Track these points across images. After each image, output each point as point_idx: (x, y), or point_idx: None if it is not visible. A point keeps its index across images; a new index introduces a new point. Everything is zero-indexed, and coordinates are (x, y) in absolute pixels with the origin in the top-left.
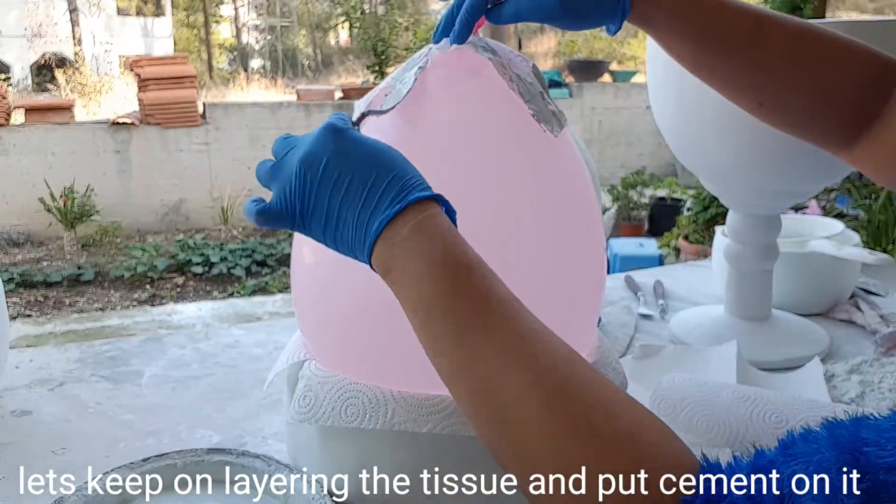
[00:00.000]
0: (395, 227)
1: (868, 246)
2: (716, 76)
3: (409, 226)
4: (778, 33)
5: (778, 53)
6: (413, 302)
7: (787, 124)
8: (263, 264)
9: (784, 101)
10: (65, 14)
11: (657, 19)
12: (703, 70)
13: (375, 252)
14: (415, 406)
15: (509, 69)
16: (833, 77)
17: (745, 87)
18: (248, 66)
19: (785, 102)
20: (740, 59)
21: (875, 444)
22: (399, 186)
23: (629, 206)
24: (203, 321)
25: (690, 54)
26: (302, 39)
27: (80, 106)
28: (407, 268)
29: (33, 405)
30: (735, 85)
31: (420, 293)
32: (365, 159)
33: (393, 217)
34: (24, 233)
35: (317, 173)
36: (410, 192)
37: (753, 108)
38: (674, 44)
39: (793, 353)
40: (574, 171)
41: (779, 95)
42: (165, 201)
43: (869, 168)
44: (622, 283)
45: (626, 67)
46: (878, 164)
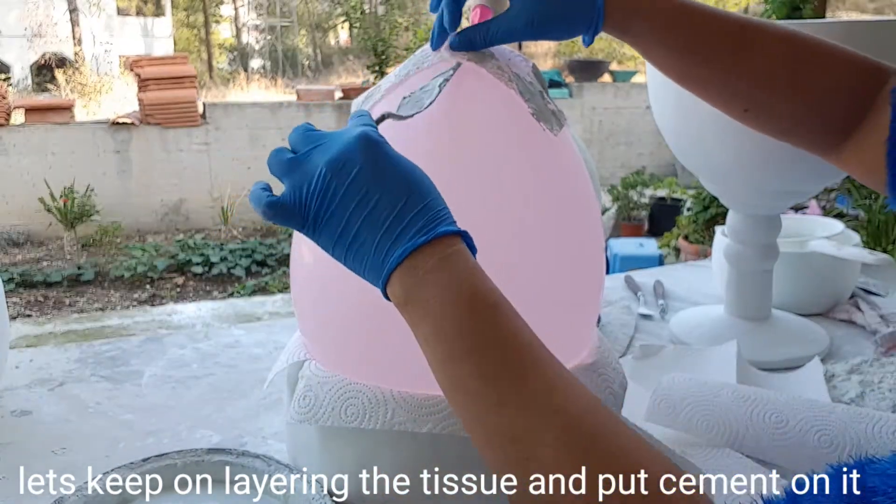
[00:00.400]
0: (419, 258)
1: (868, 246)
2: (701, 85)
3: (435, 258)
4: (762, 40)
5: (763, 61)
6: (433, 336)
7: (774, 130)
8: (263, 264)
9: (769, 107)
10: (65, 14)
11: (638, 31)
12: (688, 80)
13: (393, 279)
14: (415, 406)
15: (509, 69)
16: (818, 82)
17: (730, 94)
18: (248, 66)
19: (770, 108)
20: (725, 68)
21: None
22: (428, 217)
23: (629, 206)
24: (203, 321)
25: (675, 64)
26: (302, 39)
27: (80, 106)
28: (429, 301)
29: (33, 405)
30: (721, 93)
31: (443, 329)
32: (397, 181)
33: (418, 247)
34: (24, 233)
35: (343, 182)
36: (439, 225)
37: (739, 115)
38: (658, 54)
39: (793, 353)
40: (574, 170)
41: (764, 102)
42: (165, 201)
43: (856, 170)
44: (622, 283)
45: (626, 67)
46: (864, 166)
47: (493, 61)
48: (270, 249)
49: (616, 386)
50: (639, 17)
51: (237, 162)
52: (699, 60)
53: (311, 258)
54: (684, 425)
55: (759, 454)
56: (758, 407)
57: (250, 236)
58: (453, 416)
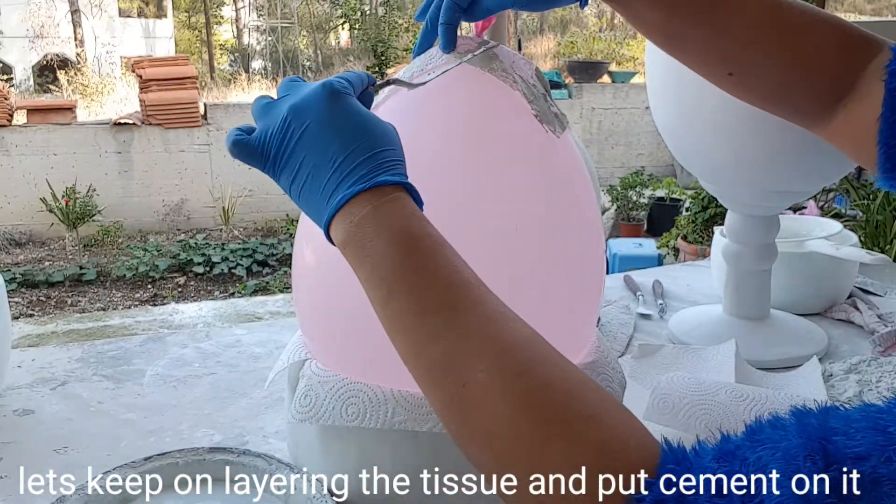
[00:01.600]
0: (356, 206)
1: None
2: (686, 47)
3: (371, 205)
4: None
5: (748, 20)
6: (373, 278)
7: (758, 96)
8: (265, 264)
9: (753, 70)
10: (66, 15)
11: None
12: (674, 42)
13: (333, 223)
14: (415, 405)
15: (513, 71)
16: (804, 46)
17: (715, 57)
18: (249, 67)
19: (754, 72)
20: (709, 27)
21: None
22: (372, 166)
23: (628, 206)
24: (204, 321)
25: (660, 24)
26: (302, 40)
27: (82, 107)
28: (365, 245)
29: (35, 404)
30: (705, 56)
31: (379, 270)
32: (350, 130)
33: (355, 195)
34: (26, 233)
35: (300, 126)
36: (380, 174)
37: (722, 79)
38: (641, 13)
39: (791, 352)
40: (575, 172)
41: (748, 64)
42: (167, 201)
43: (844, 143)
44: (621, 282)
45: (625, 68)
46: (853, 139)
47: (497, 63)
48: (271, 249)
49: (615, 385)
50: None
51: (238, 162)
52: (683, 19)
53: (313, 259)
54: (683, 424)
55: None
56: (756, 406)
57: (251, 236)
58: None
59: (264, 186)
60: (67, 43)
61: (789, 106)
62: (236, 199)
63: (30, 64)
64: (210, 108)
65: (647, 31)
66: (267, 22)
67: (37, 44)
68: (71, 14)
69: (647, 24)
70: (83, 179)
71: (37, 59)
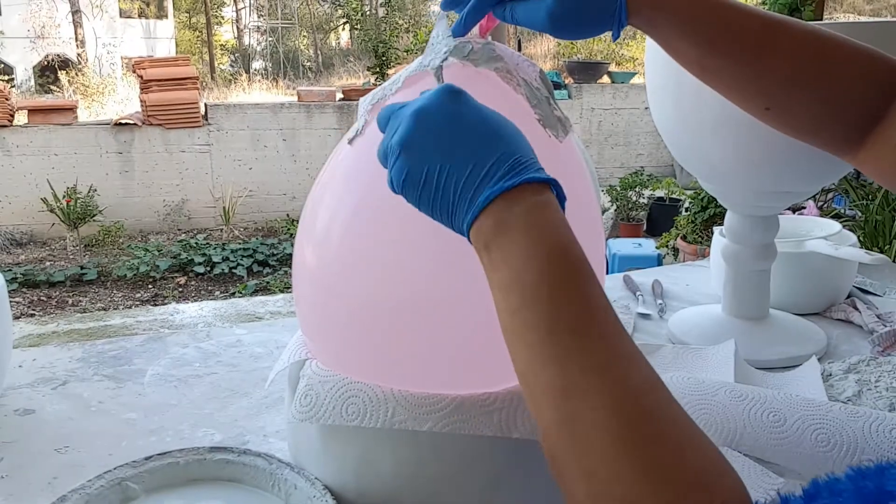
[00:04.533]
0: (506, 203)
1: (865, 246)
2: (722, 81)
3: (526, 203)
4: (785, 38)
5: (785, 59)
6: (510, 282)
7: (793, 129)
8: (265, 264)
9: (791, 106)
10: (67, 16)
11: (662, 24)
12: (709, 74)
13: (476, 224)
14: (415, 404)
15: (516, 74)
16: (839, 82)
17: (752, 92)
18: (250, 68)
19: (791, 107)
20: (748, 65)
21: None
22: (513, 161)
23: (628, 206)
24: (205, 321)
25: (696, 59)
26: (303, 41)
27: (83, 107)
28: (511, 248)
29: (36, 404)
30: (742, 90)
31: (522, 275)
32: (481, 125)
33: (505, 191)
34: (27, 233)
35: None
36: (527, 171)
37: (760, 113)
38: (679, 48)
39: (790, 352)
40: (578, 177)
41: (786, 101)
42: (168, 201)
43: (872, 170)
44: (621, 282)
45: (625, 69)
46: (881, 166)
47: (502, 65)
48: (272, 249)
49: None
50: (663, 11)
51: (239, 162)
52: (721, 56)
53: (314, 259)
54: None
55: (756, 453)
56: (755, 406)
57: (252, 236)
58: (454, 414)
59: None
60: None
61: (823, 137)
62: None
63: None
64: (211, 109)
65: (683, 62)
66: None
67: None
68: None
69: (684, 58)
70: (84, 179)
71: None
